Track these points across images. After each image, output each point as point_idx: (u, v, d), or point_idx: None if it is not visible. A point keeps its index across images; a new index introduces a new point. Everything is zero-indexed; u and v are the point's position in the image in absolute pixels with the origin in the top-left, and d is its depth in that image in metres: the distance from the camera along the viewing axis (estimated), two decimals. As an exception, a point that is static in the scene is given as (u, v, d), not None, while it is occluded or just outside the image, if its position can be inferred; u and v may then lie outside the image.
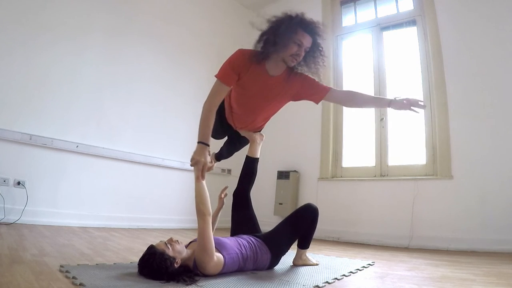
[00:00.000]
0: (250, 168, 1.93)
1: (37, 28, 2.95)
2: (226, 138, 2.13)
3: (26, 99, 2.86)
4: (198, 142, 1.46)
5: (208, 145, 1.49)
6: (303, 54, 1.50)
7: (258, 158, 1.96)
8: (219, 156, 2.27)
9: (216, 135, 1.99)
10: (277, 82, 1.60)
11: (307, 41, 1.47)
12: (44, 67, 2.98)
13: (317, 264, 1.87)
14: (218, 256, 1.40)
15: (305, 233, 1.77)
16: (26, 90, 2.87)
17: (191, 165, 1.45)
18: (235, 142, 2.07)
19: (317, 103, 1.72)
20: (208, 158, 1.47)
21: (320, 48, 1.53)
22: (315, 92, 1.66)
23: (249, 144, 1.98)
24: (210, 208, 1.42)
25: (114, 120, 3.43)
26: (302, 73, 1.62)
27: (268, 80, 1.58)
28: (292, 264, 1.84)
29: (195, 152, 1.44)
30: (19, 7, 2.87)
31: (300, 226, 1.73)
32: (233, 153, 2.21)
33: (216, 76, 1.54)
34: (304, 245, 1.82)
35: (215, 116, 1.57)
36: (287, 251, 1.72)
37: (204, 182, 1.44)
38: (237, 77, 1.54)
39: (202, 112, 1.51)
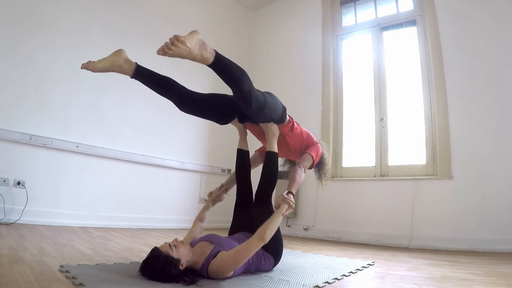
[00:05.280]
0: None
1: (37, 27, 2.95)
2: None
3: (26, 99, 2.86)
4: (292, 193, 1.68)
5: None
6: None
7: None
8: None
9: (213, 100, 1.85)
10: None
11: None
12: (43, 67, 2.98)
13: None
14: None
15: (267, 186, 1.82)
16: (26, 90, 2.87)
17: (283, 204, 1.55)
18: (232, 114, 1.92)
19: None
20: None
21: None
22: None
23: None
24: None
25: (114, 120, 3.43)
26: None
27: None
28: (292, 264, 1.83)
29: (290, 198, 1.61)
30: (18, 6, 2.87)
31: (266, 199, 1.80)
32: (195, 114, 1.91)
33: (313, 157, 1.92)
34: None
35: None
36: (281, 241, 1.68)
37: None
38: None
39: (303, 174, 1.82)
